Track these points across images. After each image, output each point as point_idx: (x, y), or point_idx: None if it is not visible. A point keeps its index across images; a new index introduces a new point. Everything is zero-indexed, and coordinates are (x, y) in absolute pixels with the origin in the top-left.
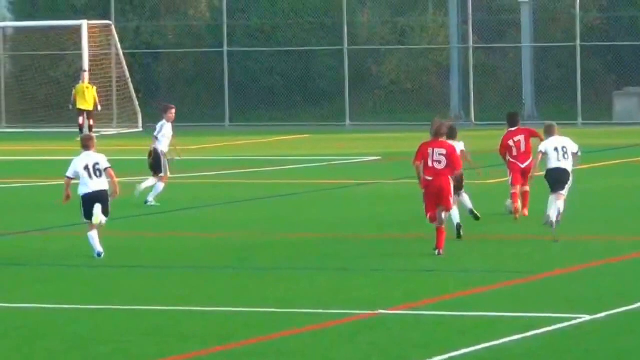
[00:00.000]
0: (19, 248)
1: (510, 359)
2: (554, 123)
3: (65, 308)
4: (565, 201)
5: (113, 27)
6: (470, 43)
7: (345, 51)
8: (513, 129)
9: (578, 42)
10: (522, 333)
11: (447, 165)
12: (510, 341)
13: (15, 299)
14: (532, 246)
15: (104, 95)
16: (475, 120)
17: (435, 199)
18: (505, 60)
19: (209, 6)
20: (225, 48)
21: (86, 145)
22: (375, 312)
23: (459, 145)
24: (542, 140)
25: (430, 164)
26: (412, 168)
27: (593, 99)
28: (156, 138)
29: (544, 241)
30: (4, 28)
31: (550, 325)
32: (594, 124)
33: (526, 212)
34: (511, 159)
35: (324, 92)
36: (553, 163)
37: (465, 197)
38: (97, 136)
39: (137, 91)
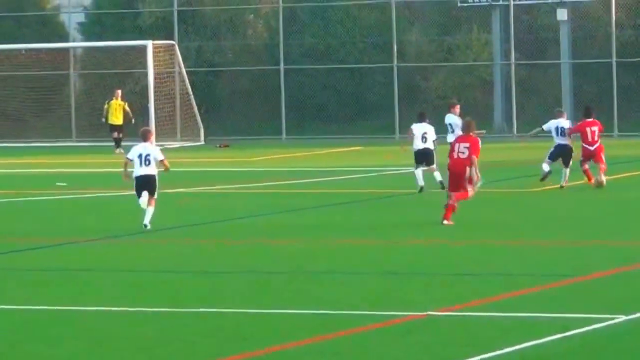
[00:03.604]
0: (89, 254)
1: (551, 357)
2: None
3: (131, 311)
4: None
5: (176, 47)
6: (513, 60)
7: (395, 68)
8: (590, 119)
9: (614, 58)
10: (561, 333)
11: (468, 155)
12: (551, 340)
13: (85, 302)
14: (570, 251)
15: (168, 111)
16: (517, 133)
17: (455, 181)
18: (545, 76)
19: (267, 26)
20: (282, 66)
21: (144, 137)
22: (424, 313)
23: (430, 130)
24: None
25: (455, 155)
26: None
27: (628, 112)
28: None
29: (581, 247)
30: (74, 48)
31: (588, 326)
32: (629, 136)
33: (603, 178)
34: (584, 144)
35: (374, 107)
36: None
37: (437, 173)
38: (160, 149)
39: (199, 107)
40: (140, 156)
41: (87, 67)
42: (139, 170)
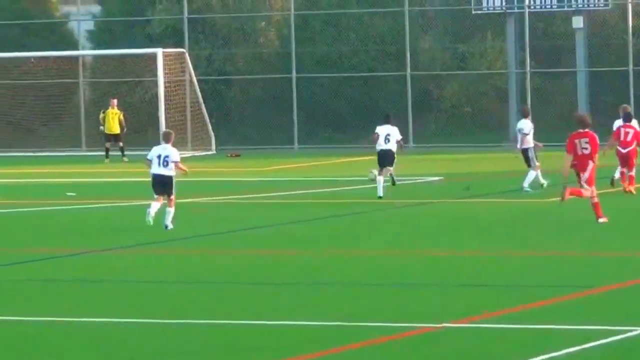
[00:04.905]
0: (99, 265)
1: None
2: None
3: (142, 322)
4: None
5: (187, 55)
6: (528, 68)
7: (408, 76)
8: (628, 123)
9: (630, 66)
10: (579, 345)
11: (590, 151)
12: (568, 353)
13: (94, 313)
14: (586, 262)
15: (179, 119)
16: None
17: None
18: (561, 84)
19: (278, 34)
20: (294, 74)
21: (166, 138)
22: (440, 325)
23: (394, 131)
24: None
25: (579, 152)
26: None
27: None
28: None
29: (597, 258)
30: (83, 56)
31: (606, 338)
32: None
33: (632, 188)
34: (618, 146)
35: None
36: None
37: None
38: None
39: (210, 116)
40: (159, 157)
41: (96, 76)
42: (158, 170)
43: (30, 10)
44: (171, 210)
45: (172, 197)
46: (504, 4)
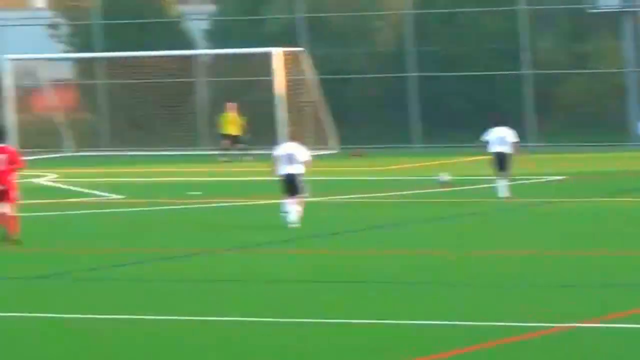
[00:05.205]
0: (224, 264)
1: None
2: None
3: (271, 321)
4: None
5: (305, 54)
6: None
7: (528, 75)
8: None
9: None
10: None
11: None
12: None
13: (221, 313)
14: None
15: (299, 119)
16: None
17: None
18: None
19: (396, 33)
20: (412, 73)
21: (291, 137)
22: (571, 325)
23: (508, 133)
24: None
25: None
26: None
27: None
28: None
29: None
30: (200, 55)
31: None
32: None
33: None
34: None
35: (507, 115)
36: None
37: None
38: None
39: (329, 115)
40: (286, 155)
41: (213, 75)
42: (284, 169)
43: (147, 10)
44: (299, 209)
45: (301, 195)
46: (619, 3)
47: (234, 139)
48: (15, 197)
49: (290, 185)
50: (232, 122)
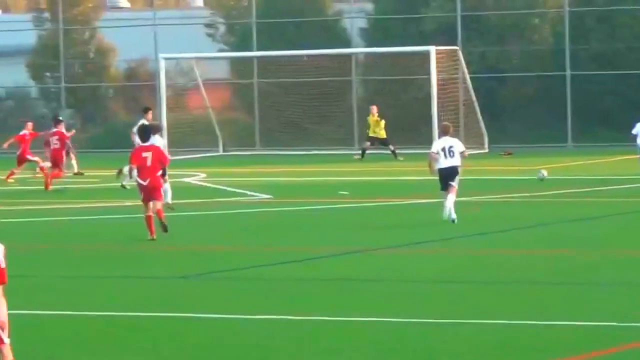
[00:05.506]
0: (368, 264)
1: None
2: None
3: (414, 322)
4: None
5: (460, 52)
6: None
7: None
8: None
9: None
10: None
11: None
12: None
13: (373, 312)
14: None
15: (452, 117)
16: None
17: None
18: None
19: (553, 32)
20: (568, 72)
21: (444, 131)
22: None
23: None
24: None
25: None
26: None
27: None
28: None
29: None
30: (356, 54)
31: None
32: None
33: None
34: None
35: None
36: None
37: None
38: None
39: (482, 113)
40: (443, 149)
41: (369, 74)
42: (444, 162)
43: (304, 8)
44: (452, 198)
45: (455, 186)
46: None
47: (377, 141)
48: (160, 195)
49: (449, 179)
50: (373, 124)
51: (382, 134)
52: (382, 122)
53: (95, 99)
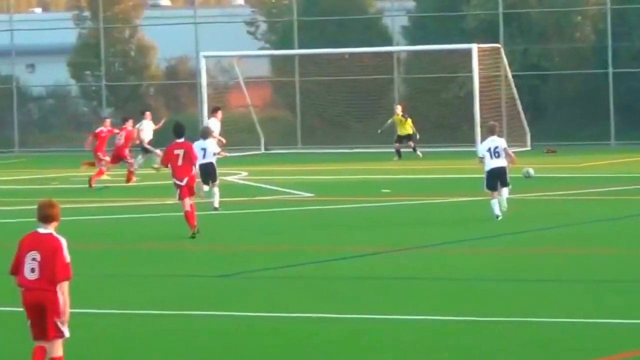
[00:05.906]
0: (410, 262)
1: None
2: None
3: (462, 320)
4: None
5: (502, 50)
6: None
7: None
8: None
9: None
10: None
11: None
12: None
13: (413, 310)
14: None
15: (495, 115)
16: None
17: None
18: None
19: (594, 29)
20: (610, 69)
21: (491, 131)
22: None
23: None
24: None
25: None
26: None
27: None
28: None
29: None
30: (398, 52)
31: None
32: None
33: None
34: None
35: None
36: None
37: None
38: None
39: (524, 111)
40: (489, 150)
41: (410, 72)
42: (491, 163)
43: (346, 6)
44: (506, 192)
45: (505, 186)
46: None
47: (404, 139)
48: (193, 192)
49: (499, 178)
50: (399, 124)
51: (408, 130)
52: (409, 121)
53: (136, 97)
